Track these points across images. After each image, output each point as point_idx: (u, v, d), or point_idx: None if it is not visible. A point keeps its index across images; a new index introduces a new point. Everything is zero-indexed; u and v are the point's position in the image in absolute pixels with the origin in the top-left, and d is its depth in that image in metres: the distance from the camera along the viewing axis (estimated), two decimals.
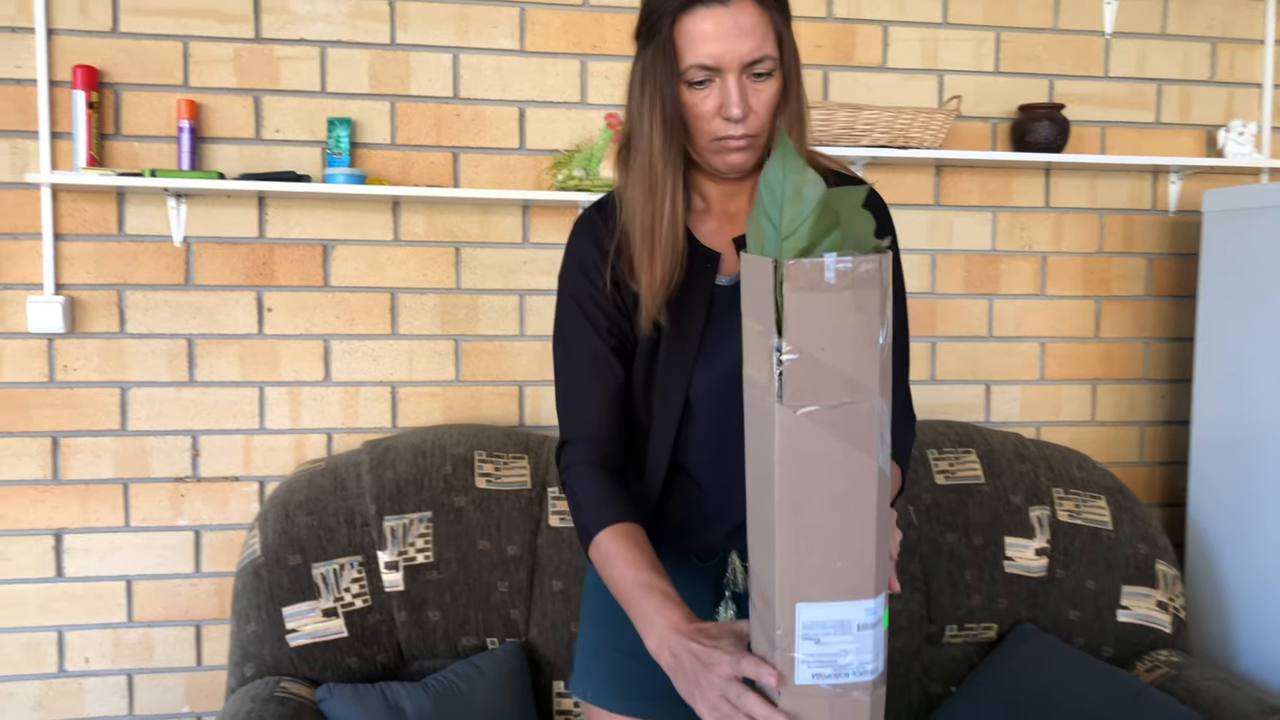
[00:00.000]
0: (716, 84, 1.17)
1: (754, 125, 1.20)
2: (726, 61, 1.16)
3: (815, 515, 0.93)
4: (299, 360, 2.38)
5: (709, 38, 1.15)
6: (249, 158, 2.33)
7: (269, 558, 2.05)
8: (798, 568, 0.93)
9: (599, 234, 1.29)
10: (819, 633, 0.94)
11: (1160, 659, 2.20)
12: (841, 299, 0.89)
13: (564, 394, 1.33)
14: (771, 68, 1.19)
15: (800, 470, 0.92)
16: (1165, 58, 2.64)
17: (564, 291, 1.32)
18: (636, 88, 1.22)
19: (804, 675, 0.95)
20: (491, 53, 2.39)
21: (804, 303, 0.89)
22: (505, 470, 2.20)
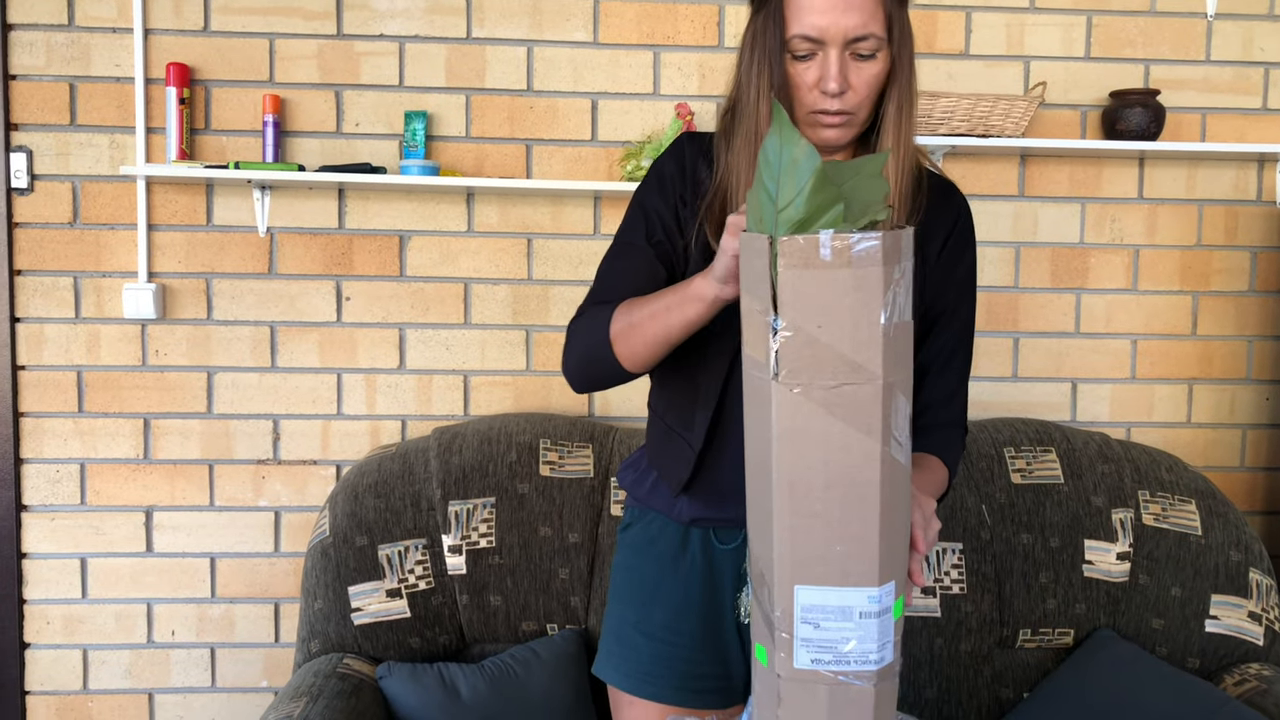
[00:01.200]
0: (819, 57, 1.17)
1: (851, 102, 1.18)
2: (830, 35, 1.15)
3: (813, 497, 0.91)
4: (375, 348, 2.44)
5: (815, 9, 1.15)
6: (329, 150, 2.40)
7: (337, 538, 2.11)
8: (795, 549, 0.92)
9: (683, 158, 1.32)
10: (818, 617, 0.92)
11: (1250, 672, 2.07)
12: (838, 277, 0.87)
13: (600, 275, 1.36)
14: (877, 47, 1.17)
15: (797, 450, 0.90)
16: (1273, 40, 2.50)
17: (635, 196, 1.36)
18: (746, 52, 1.22)
19: (803, 659, 0.93)
20: (565, 45, 2.41)
21: (799, 280, 0.87)
22: (569, 459, 2.21)
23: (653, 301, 1.20)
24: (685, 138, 1.34)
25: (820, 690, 0.94)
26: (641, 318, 1.21)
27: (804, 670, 0.93)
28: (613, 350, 1.25)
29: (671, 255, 1.31)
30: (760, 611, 0.97)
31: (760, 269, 0.90)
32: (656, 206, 1.32)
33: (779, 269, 0.88)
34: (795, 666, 0.94)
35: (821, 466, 0.91)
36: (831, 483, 0.91)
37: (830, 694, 0.94)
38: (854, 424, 0.90)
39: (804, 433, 0.90)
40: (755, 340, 0.92)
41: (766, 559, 0.95)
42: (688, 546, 1.39)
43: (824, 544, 0.92)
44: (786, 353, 0.89)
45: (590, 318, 1.29)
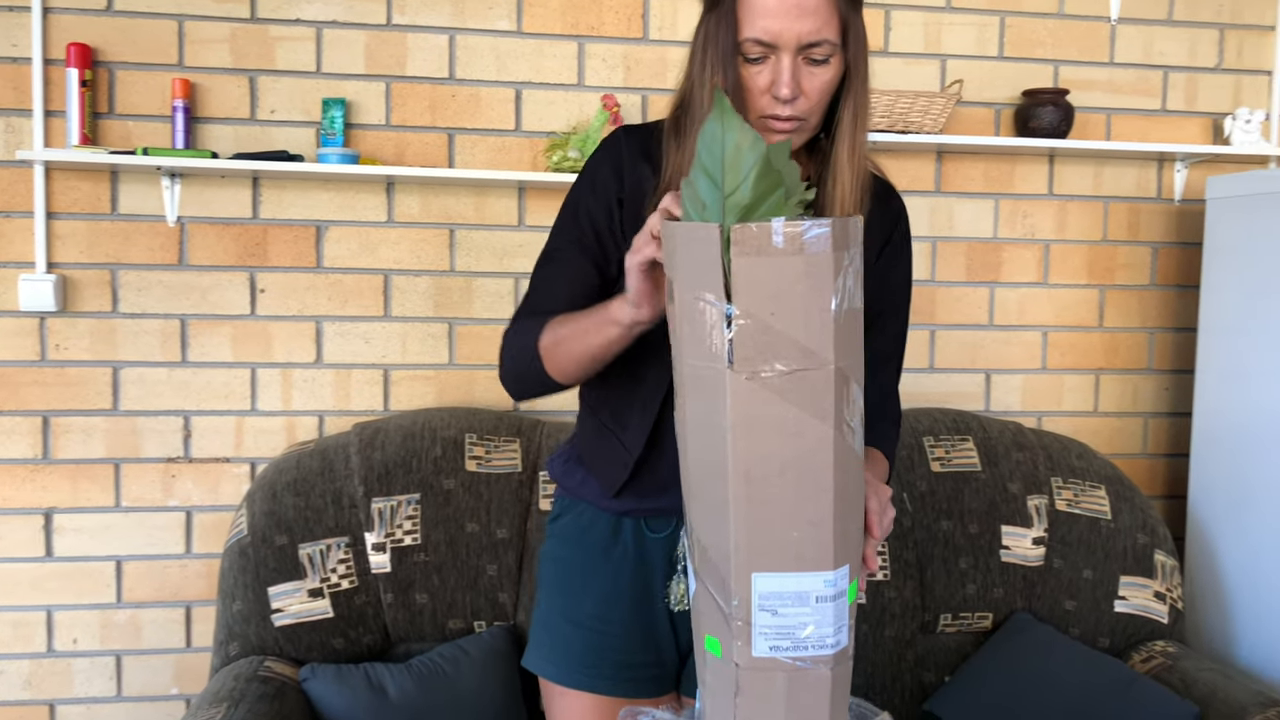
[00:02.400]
0: (771, 61, 1.15)
1: (802, 108, 1.17)
2: (783, 39, 1.13)
3: (769, 483, 0.91)
4: (291, 341, 2.36)
5: (769, 13, 1.12)
6: (244, 138, 2.32)
7: (255, 537, 2.04)
8: (752, 537, 0.91)
9: (619, 156, 1.29)
10: (776, 604, 0.92)
11: (1156, 650, 2.16)
12: (791, 264, 0.87)
13: (532, 282, 1.34)
14: (830, 53, 1.15)
15: (752, 438, 0.90)
16: (1172, 44, 2.60)
17: (568, 197, 1.33)
18: (698, 53, 1.20)
19: (761, 647, 0.93)
20: (488, 34, 2.38)
21: (752, 267, 0.87)
22: (496, 453, 2.18)
23: (577, 320, 1.20)
24: (621, 133, 1.31)
25: (779, 677, 0.94)
26: (566, 336, 1.21)
27: (763, 658, 0.93)
28: (543, 365, 1.25)
29: (604, 260, 1.29)
30: (711, 604, 0.97)
31: (710, 258, 0.90)
32: (589, 209, 1.30)
33: (732, 256, 0.87)
34: (754, 655, 0.93)
35: (777, 453, 0.91)
36: (786, 468, 0.91)
37: (789, 680, 0.94)
38: (807, 409, 0.90)
39: (759, 420, 0.90)
40: (699, 332, 0.91)
41: (720, 550, 0.94)
42: (619, 536, 1.38)
43: (781, 530, 0.92)
44: (741, 340, 0.88)
45: (521, 331, 1.28)
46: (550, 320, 1.24)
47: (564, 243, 1.31)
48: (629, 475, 1.32)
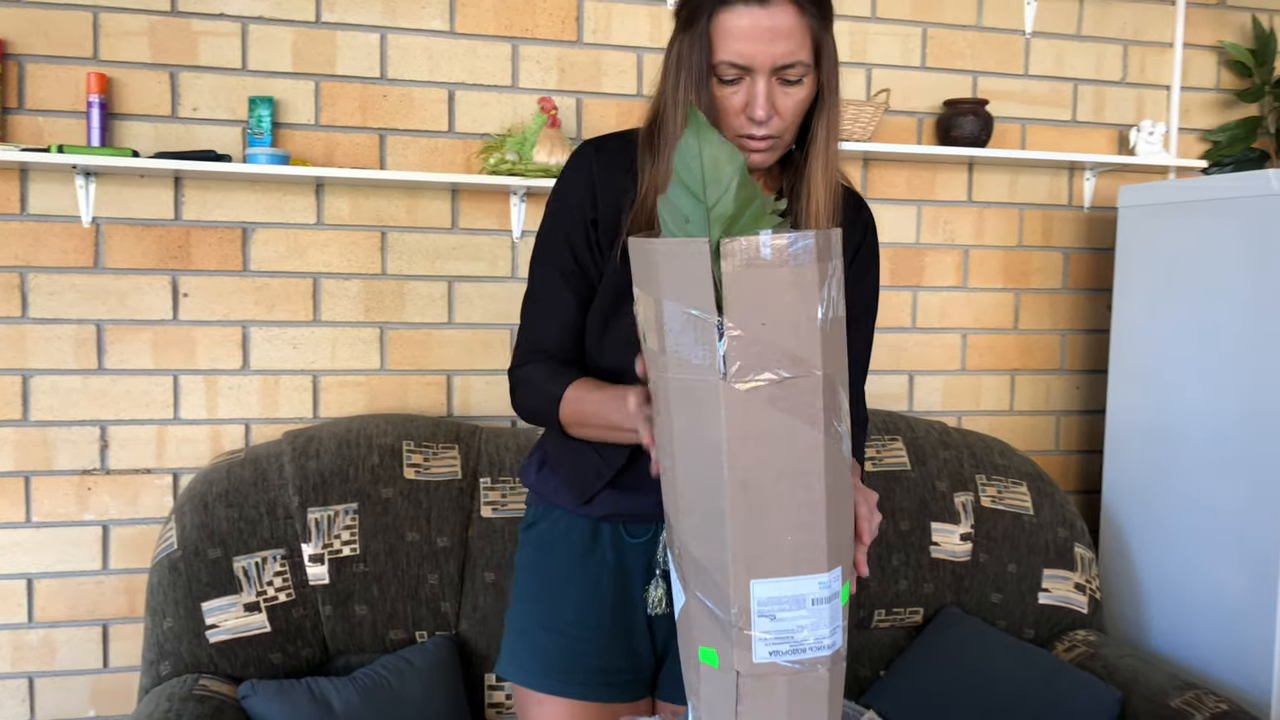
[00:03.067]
0: (746, 82, 1.16)
1: (777, 127, 1.19)
2: (758, 62, 1.14)
3: (764, 491, 0.92)
4: (216, 348, 2.29)
5: (743, 36, 1.14)
6: (164, 136, 2.23)
7: (187, 551, 1.97)
8: (749, 545, 0.93)
9: (591, 172, 1.29)
10: (774, 609, 0.93)
11: (1078, 638, 2.26)
12: (779, 275, 0.89)
13: (524, 316, 1.35)
14: (803, 73, 1.17)
15: (748, 447, 0.91)
16: (1081, 58, 2.72)
17: (544, 220, 1.34)
18: (671, 73, 1.20)
19: (761, 653, 0.94)
20: (420, 33, 2.34)
21: (742, 279, 0.89)
22: (435, 461, 2.15)
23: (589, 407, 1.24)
24: (590, 148, 1.31)
25: (779, 682, 0.95)
26: (584, 419, 1.25)
27: (763, 664, 0.94)
28: (565, 429, 1.30)
29: (589, 282, 1.31)
30: (705, 615, 0.97)
31: (697, 272, 0.91)
32: (567, 233, 1.30)
33: (723, 269, 0.89)
34: (755, 661, 0.94)
35: (771, 460, 0.92)
36: (781, 475, 0.93)
37: (789, 684, 0.95)
38: (799, 416, 0.92)
39: (753, 429, 0.92)
40: (686, 346, 0.92)
41: (716, 560, 0.95)
42: (598, 541, 1.37)
43: (776, 535, 0.93)
44: (734, 352, 0.90)
45: (536, 382, 1.31)
46: (569, 386, 1.27)
47: (549, 274, 1.31)
48: (604, 484, 1.32)
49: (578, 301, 1.31)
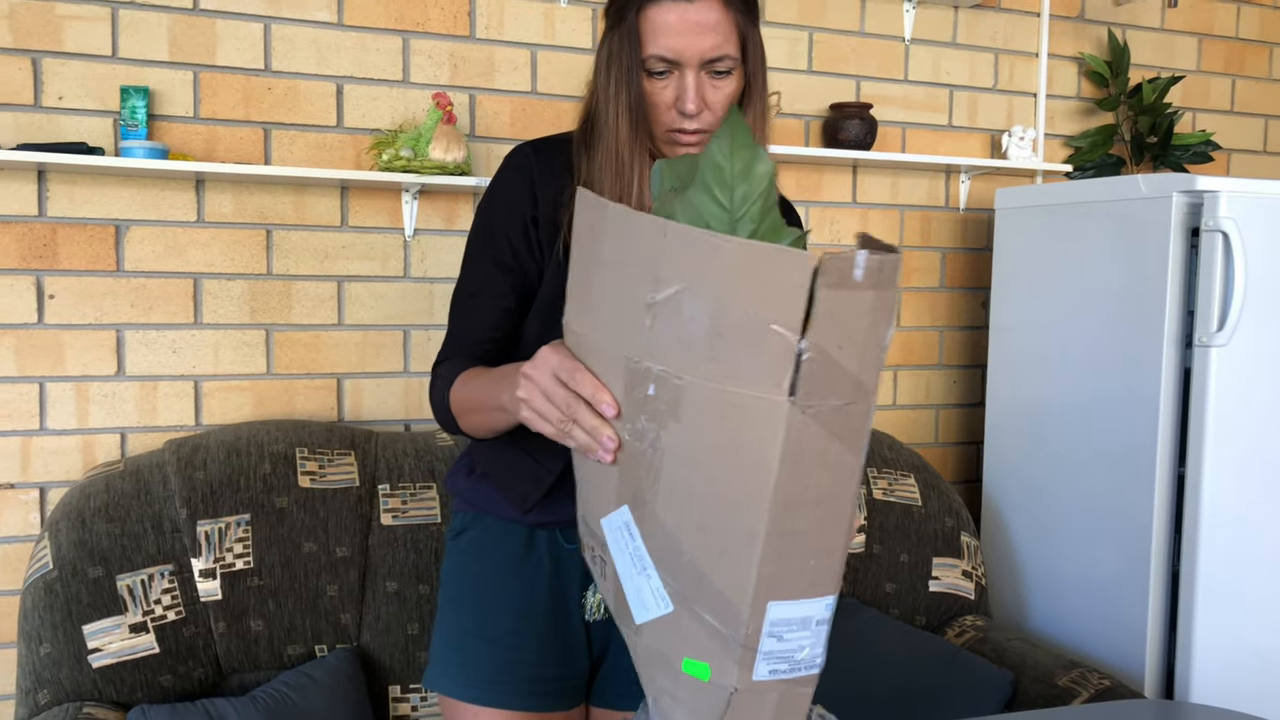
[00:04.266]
0: (675, 76, 1.18)
1: (707, 121, 1.20)
2: (686, 56, 1.17)
3: (801, 515, 0.89)
4: (87, 352, 2.15)
5: (671, 31, 1.16)
6: (26, 126, 2.08)
7: (64, 571, 1.84)
8: (777, 566, 0.90)
9: (530, 173, 1.28)
10: (783, 629, 0.92)
11: (967, 624, 2.35)
12: (863, 298, 0.85)
13: (454, 311, 1.34)
14: (731, 67, 1.19)
15: (798, 471, 0.87)
16: (956, 65, 2.83)
17: (479, 217, 1.32)
18: (602, 70, 1.22)
19: (762, 671, 0.93)
20: (307, 24, 2.25)
21: (834, 300, 0.84)
22: (331, 468, 2.07)
23: (476, 391, 1.20)
24: (529, 150, 1.30)
25: (770, 697, 0.94)
26: (469, 404, 1.22)
27: (761, 681, 0.93)
28: (459, 425, 1.27)
29: (524, 278, 1.29)
30: (700, 629, 0.94)
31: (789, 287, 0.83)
32: (506, 230, 1.28)
33: (818, 287, 0.82)
34: (754, 679, 0.93)
35: (814, 484, 0.89)
36: (820, 500, 0.90)
37: (779, 699, 0.94)
38: (847, 442, 0.88)
39: (807, 454, 0.88)
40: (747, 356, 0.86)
41: (735, 579, 0.91)
42: (533, 548, 1.35)
43: (801, 559, 0.90)
44: (809, 375, 0.85)
45: (441, 378, 1.28)
46: (458, 377, 1.24)
47: (485, 268, 1.29)
48: (544, 493, 1.30)
49: (515, 295, 1.29)
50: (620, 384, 0.94)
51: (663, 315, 0.90)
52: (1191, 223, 2.14)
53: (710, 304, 0.87)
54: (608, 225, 0.94)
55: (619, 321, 0.94)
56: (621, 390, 0.94)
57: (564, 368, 0.94)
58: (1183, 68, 3.10)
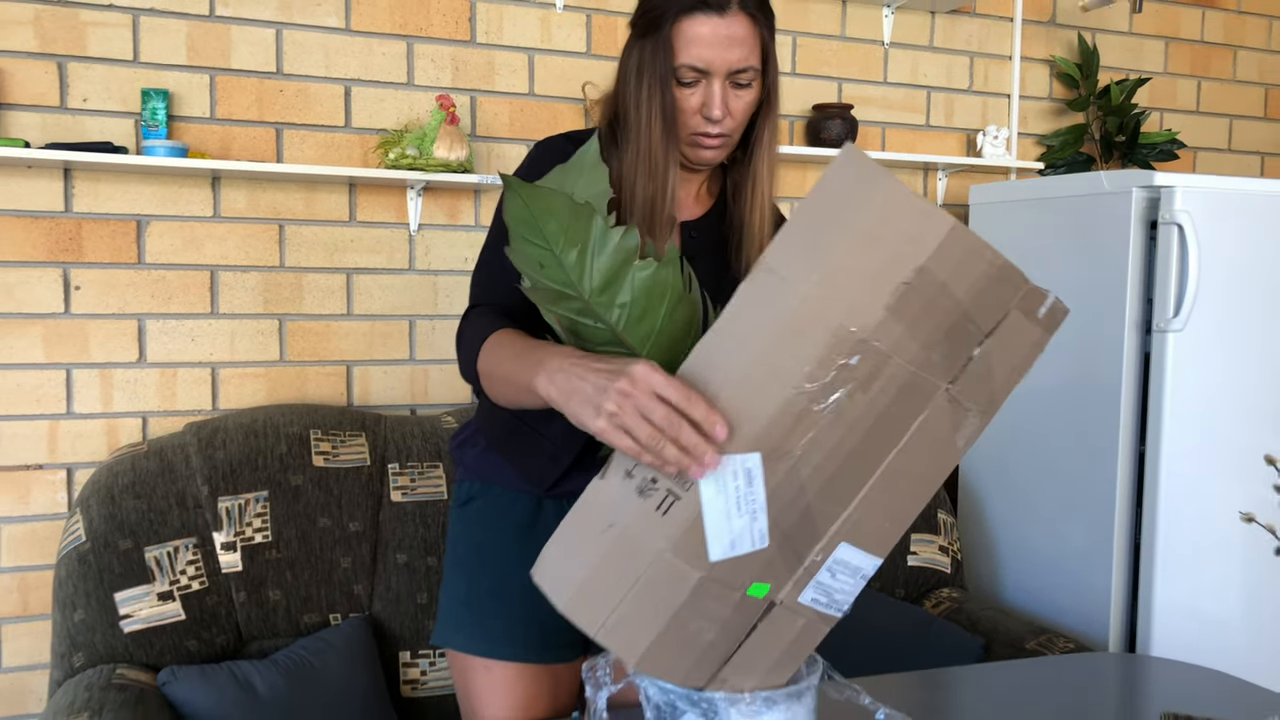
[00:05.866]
0: (702, 85, 1.28)
1: (729, 126, 1.31)
2: (715, 66, 1.27)
3: (899, 482, 1.02)
4: (110, 340, 2.27)
5: (703, 42, 1.25)
6: (52, 127, 2.20)
7: (96, 543, 1.96)
8: (863, 516, 1.02)
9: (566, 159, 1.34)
10: (839, 569, 1.04)
11: (944, 595, 2.49)
12: (1034, 331, 1.01)
13: (485, 263, 1.36)
14: (753, 78, 1.30)
15: (919, 446, 1.00)
16: (933, 68, 2.97)
17: None
18: (632, 76, 1.31)
19: (806, 596, 1.05)
20: (316, 30, 2.38)
21: (1017, 322, 0.99)
22: (343, 448, 2.20)
23: (507, 361, 1.19)
24: (564, 141, 1.38)
25: (799, 622, 1.05)
26: (497, 373, 1.21)
27: (801, 605, 1.05)
28: (481, 385, 1.28)
29: None
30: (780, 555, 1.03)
31: (1006, 299, 0.99)
32: None
33: (1012, 308, 0.99)
34: (798, 600, 1.04)
35: (923, 462, 1.02)
36: (920, 477, 1.03)
37: (804, 626, 1.06)
38: (959, 438, 1.04)
39: (931, 434, 1.00)
40: (944, 348, 0.97)
41: (829, 514, 1.01)
42: (540, 517, 1.45)
43: (881, 519, 1.04)
44: (970, 374, 0.99)
45: (475, 329, 1.28)
46: (489, 337, 1.24)
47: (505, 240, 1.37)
48: (562, 472, 1.40)
49: None
50: (811, 345, 0.94)
51: (905, 298, 0.94)
52: (1150, 216, 2.28)
53: (947, 300, 0.96)
54: (874, 195, 0.93)
55: (849, 285, 0.95)
56: (812, 349, 0.94)
57: (671, 388, 0.94)
58: (1150, 70, 3.25)
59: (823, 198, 0.96)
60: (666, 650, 1.02)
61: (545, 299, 1.14)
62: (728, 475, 0.97)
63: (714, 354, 0.98)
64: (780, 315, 0.95)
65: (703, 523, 0.98)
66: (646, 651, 1.01)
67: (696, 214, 1.44)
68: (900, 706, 1.21)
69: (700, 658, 1.04)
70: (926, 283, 0.94)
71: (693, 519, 0.98)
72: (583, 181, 1.19)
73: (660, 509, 0.99)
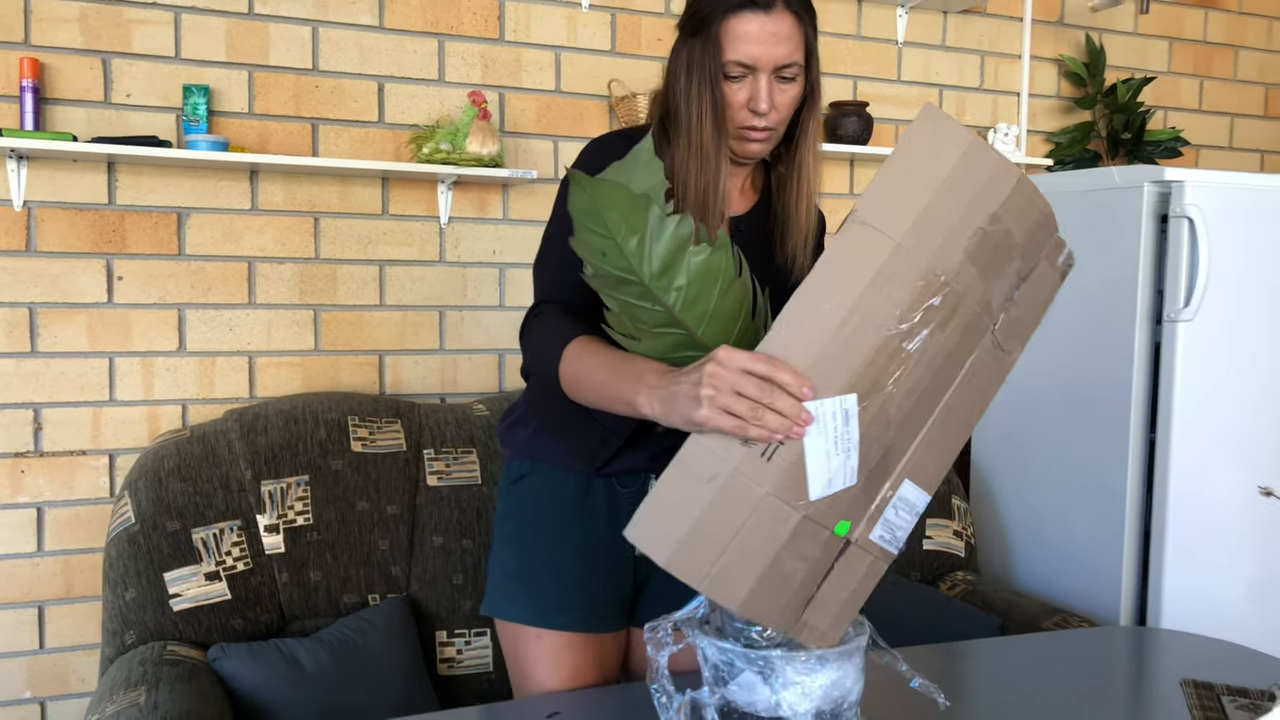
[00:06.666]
0: (749, 80, 1.34)
1: (774, 120, 1.37)
2: (762, 62, 1.32)
3: (952, 423, 1.12)
4: (151, 330, 2.33)
5: (751, 39, 1.31)
6: (97, 121, 2.26)
7: (145, 525, 2.03)
8: (921, 456, 1.12)
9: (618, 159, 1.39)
10: (901, 506, 1.13)
11: (959, 578, 2.56)
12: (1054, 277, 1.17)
13: (547, 257, 1.41)
14: (797, 73, 1.35)
15: (973, 388, 1.12)
16: (946, 67, 3.04)
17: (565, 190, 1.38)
18: (682, 72, 1.36)
19: (875, 533, 1.13)
20: (351, 28, 2.44)
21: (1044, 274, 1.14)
22: (380, 434, 2.26)
23: (598, 372, 1.23)
24: (615, 137, 1.44)
25: (867, 560, 1.14)
26: (586, 382, 1.25)
27: (870, 542, 1.14)
28: (561, 386, 1.31)
29: None
30: (864, 498, 1.12)
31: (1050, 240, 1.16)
32: None
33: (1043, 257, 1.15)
34: (869, 537, 1.13)
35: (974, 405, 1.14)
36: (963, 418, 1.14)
37: (869, 565, 1.15)
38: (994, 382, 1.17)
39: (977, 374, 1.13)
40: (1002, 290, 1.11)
41: (900, 450, 1.11)
42: (589, 495, 1.52)
43: (934, 456, 1.14)
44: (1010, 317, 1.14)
45: (545, 331, 1.33)
46: (571, 343, 1.28)
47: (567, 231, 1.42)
48: (612, 454, 1.47)
49: None
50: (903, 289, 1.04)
51: (981, 243, 1.07)
52: (1160, 210, 2.35)
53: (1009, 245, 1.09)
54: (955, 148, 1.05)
55: (934, 232, 1.06)
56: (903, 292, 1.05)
57: (755, 360, 1.02)
58: (1155, 69, 3.33)
59: (908, 153, 1.07)
60: (765, 593, 1.08)
61: (606, 285, 1.22)
62: (828, 416, 1.05)
63: (810, 303, 1.06)
64: (874, 263, 1.04)
65: (804, 464, 1.06)
66: (748, 596, 1.07)
67: (743, 209, 1.50)
68: (928, 676, 1.29)
69: (791, 599, 1.11)
70: (997, 229, 1.07)
71: (794, 461, 1.05)
72: (639, 175, 1.26)
73: (765, 454, 1.06)
